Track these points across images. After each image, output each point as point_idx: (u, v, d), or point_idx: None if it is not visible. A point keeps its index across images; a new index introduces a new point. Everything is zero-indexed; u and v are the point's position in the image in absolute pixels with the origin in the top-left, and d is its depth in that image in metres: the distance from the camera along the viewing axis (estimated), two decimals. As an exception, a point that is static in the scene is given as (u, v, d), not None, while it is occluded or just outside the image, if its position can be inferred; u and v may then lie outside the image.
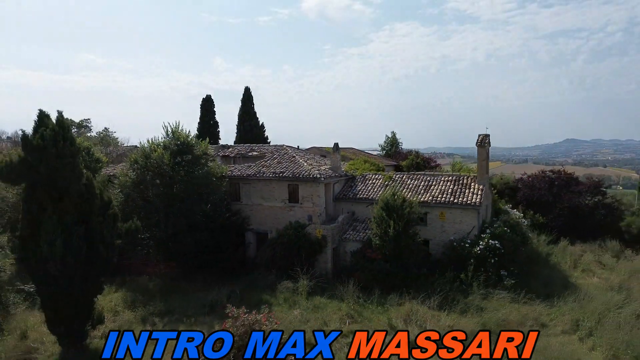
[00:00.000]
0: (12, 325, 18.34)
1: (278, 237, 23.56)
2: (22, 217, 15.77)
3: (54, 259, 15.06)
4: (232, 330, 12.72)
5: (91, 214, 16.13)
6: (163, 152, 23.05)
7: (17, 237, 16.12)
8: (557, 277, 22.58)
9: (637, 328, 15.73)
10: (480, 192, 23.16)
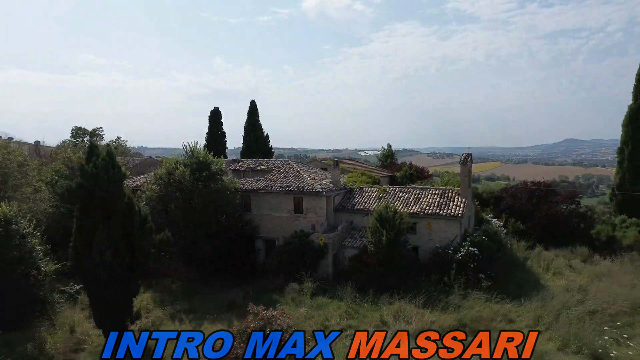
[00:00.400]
0: (60, 321, 21.60)
1: (285, 244, 26.84)
2: (76, 231, 18.99)
3: (104, 266, 18.31)
4: (254, 324, 15.95)
5: (132, 228, 19.36)
6: (184, 170, 26.29)
7: (72, 247, 19.35)
8: (530, 279, 25.89)
9: (584, 323, 19.00)
10: (463, 204, 26.44)
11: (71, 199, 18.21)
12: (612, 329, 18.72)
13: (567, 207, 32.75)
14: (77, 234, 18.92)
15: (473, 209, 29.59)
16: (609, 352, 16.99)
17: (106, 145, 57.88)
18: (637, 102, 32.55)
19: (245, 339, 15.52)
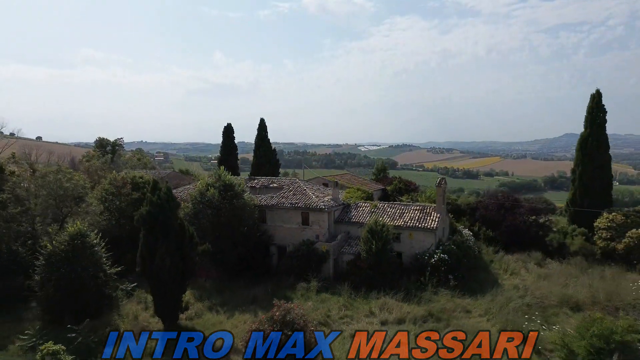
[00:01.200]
0: (124, 312, 28.32)
1: (295, 250, 33.53)
2: (142, 244, 25.62)
3: (164, 271, 24.99)
4: (278, 312, 22.57)
5: (183, 242, 26.03)
6: (214, 192, 32.88)
7: (139, 256, 25.97)
8: (490, 279, 32.58)
9: (521, 312, 25.65)
10: (437, 219, 33.08)
11: (140, 222, 24.81)
12: (541, 317, 25.38)
13: (529, 218, 39.34)
14: (143, 247, 25.61)
15: (447, 221, 36.23)
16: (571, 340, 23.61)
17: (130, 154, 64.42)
18: (587, 131, 39.12)
19: (272, 324, 22.17)
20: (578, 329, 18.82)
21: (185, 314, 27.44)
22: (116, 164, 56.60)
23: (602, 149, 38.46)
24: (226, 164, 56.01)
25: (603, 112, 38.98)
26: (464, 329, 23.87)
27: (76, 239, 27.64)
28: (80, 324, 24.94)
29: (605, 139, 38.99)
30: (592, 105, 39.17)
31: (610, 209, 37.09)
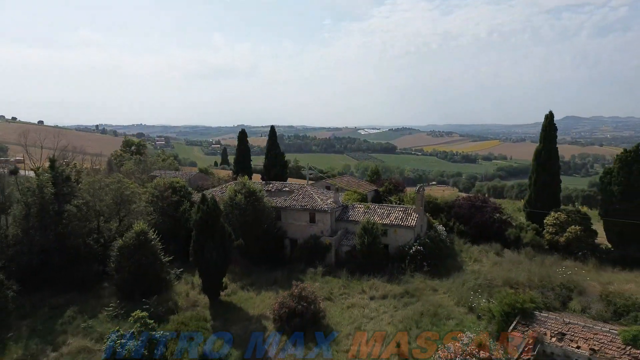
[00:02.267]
0: (177, 291, 37.92)
1: (304, 243, 43.06)
2: (194, 241, 35.06)
3: (210, 261, 34.50)
4: (296, 290, 32.07)
5: (224, 239, 35.46)
6: (241, 197, 42.19)
7: (192, 249, 35.42)
8: (457, 265, 42.10)
9: (472, 290, 35.17)
10: (416, 219, 42.52)
11: (196, 227, 34.25)
12: (486, 293, 34.86)
13: (493, 215, 48.74)
14: (195, 243, 35.12)
15: (425, 219, 45.68)
16: (479, 305, 33.25)
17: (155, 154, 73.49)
18: (541, 145, 48.28)
19: (292, 298, 31.74)
20: (497, 299, 28.46)
21: (224, 292, 37.09)
22: (145, 164, 65.63)
23: (552, 160, 47.67)
24: (242, 165, 65.64)
25: (554, 130, 48.08)
26: (429, 302, 33.74)
27: (140, 235, 37.09)
28: (146, 299, 34.57)
29: (556, 151, 48.18)
30: (546, 124, 48.27)
31: (556, 209, 46.42)
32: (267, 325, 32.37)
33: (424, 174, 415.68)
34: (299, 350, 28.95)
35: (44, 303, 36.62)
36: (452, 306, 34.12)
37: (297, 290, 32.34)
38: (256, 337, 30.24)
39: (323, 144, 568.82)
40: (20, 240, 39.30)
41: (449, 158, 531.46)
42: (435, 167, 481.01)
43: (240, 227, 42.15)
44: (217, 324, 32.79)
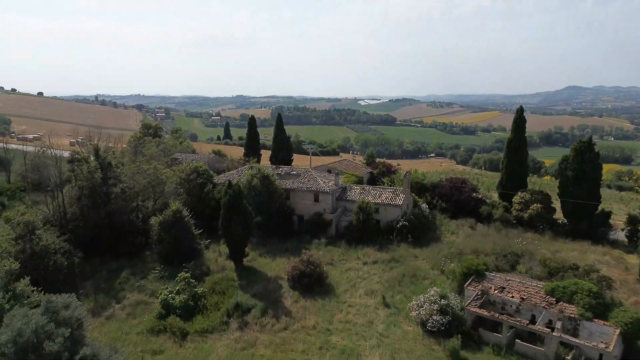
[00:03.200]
0: (207, 258, 47.18)
1: (309, 219, 52.12)
2: (223, 218, 44.05)
3: (236, 235, 43.63)
4: (305, 256, 41.24)
5: (246, 217, 44.46)
6: (257, 181, 50.91)
7: (220, 224, 44.44)
8: (436, 237, 51.24)
9: (445, 257, 44.33)
10: (403, 199, 51.43)
11: (225, 208, 43.17)
12: (456, 259, 44.06)
13: (470, 195, 57.57)
14: (223, 220, 44.13)
15: (410, 199, 54.58)
16: (426, 275, 42.42)
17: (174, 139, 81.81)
18: (512, 135, 56.63)
19: (302, 262, 40.95)
20: (460, 262, 37.69)
21: (246, 259, 46.37)
22: (165, 145, 73.95)
23: (521, 148, 56.14)
24: (251, 149, 74.10)
25: (524, 122, 56.37)
26: (410, 266, 43.04)
27: (176, 213, 46.10)
28: (185, 264, 43.88)
29: (524, 140, 56.57)
30: (517, 117, 56.55)
31: (523, 190, 55.24)
32: (282, 283, 41.75)
33: (423, 147, 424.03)
34: (308, 302, 38.43)
35: (101, 267, 46.03)
36: (428, 269, 43.45)
37: (305, 257, 41.62)
38: (275, 291, 39.68)
39: (323, 115, 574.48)
40: (77, 217, 48.40)
41: (448, 130, 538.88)
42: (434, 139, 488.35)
43: (257, 205, 50.90)
44: (243, 283, 42.20)
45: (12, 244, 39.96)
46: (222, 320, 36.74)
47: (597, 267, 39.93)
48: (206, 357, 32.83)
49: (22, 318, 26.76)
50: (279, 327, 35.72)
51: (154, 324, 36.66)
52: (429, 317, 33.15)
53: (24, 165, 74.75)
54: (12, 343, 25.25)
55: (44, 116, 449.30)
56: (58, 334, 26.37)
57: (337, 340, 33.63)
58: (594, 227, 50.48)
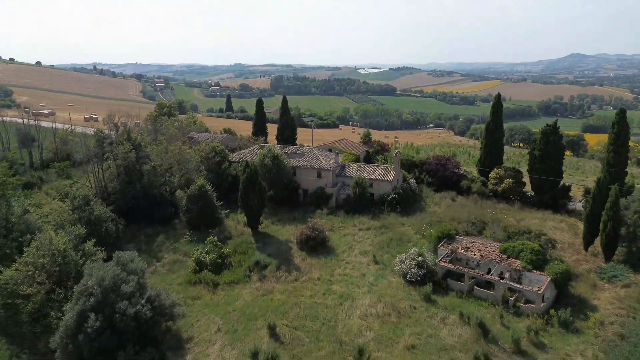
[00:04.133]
0: (227, 225, 56.61)
1: (313, 192, 61.39)
2: (242, 192, 53.25)
3: (253, 205, 52.95)
4: (311, 224, 50.63)
5: (261, 191, 53.67)
6: (269, 160, 59.81)
7: (240, 197, 53.67)
8: (421, 207, 60.60)
9: (426, 224, 53.77)
10: (393, 175, 60.54)
11: (243, 181, 52.29)
12: (435, 226, 53.39)
13: (454, 170, 66.59)
14: (242, 193, 53.40)
15: (401, 175, 63.65)
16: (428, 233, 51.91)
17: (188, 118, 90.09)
18: (490, 118, 65.26)
19: (308, 229, 50.40)
20: (437, 227, 47.14)
21: (261, 226, 55.84)
22: (179, 124, 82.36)
23: (497, 130, 64.87)
24: (259, 128, 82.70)
25: (501, 107, 64.92)
26: (397, 232, 52.52)
27: (201, 187, 55.20)
28: (211, 230, 53.35)
29: (501, 123, 65.27)
30: (494, 103, 65.07)
31: (498, 166, 64.21)
32: (292, 245, 51.33)
33: (422, 117, 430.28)
34: (314, 260, 48.11)
35: (140, 233, 55.52)
36: (412, 234, 52.96)
37: (310, 224, 51.09)
38: (287, 252, 49.33)
39: (322, 85, 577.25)
40: (116, 190, 57.51)
41: (448, 100, 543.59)
42: (433, 109, 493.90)
43: (268, 181, 60.05)
44: (259, 245, 51.79)
45: (70, 213, 49.26)
46: (245, 274, 46.45)
47: (546, 231, 49.58)
48: (235, 301, 42.60)
49: (101, 268, 36.29)
50: (291, 278, 45.46)
51: (190, 277, 46.37)
52: (408, 270, 42.77)
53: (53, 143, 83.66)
54: (97, 286, 34.73)
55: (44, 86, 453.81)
56: (130, 280, 36.02)
57: (336, 288, 43.40)
58: (556, 199, 59.80)
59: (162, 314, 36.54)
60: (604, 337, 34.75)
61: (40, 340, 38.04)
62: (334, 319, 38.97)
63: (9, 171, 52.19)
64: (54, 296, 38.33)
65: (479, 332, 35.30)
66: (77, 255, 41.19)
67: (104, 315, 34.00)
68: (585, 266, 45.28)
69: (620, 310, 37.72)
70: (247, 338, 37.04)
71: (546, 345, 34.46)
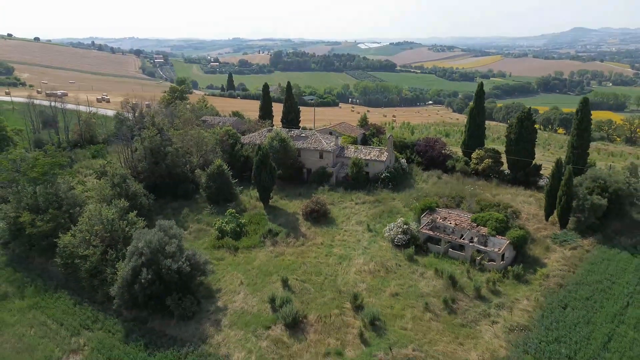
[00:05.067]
0: (242, 200, 66.07)
1: (315, 171, 70.72)
2: (255, 170, 62.48)
3: (265, 182, 62.31)
4: (314, 199, 60.06)
5: (271, 170, 62.90)
6: (277, 143, 68.84)
7: (253, 175, 62.96)
8: (410, 184, 70.00)
9: (415, 199, 63.20)
10: (386, 155, 69.71)
11: (256, 161, 61.50)
12: (421, 199, 62.86)
13: (440, 150, 75.65)
14: (256, 171, 62.74)
15: (393, 155, 72.79)
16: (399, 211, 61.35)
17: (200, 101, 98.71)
18: (474, 104, 74.03)
19: (313, 203, 59.90)
20: (421, 201, 56.63)
21: (271, 200, 65.31)
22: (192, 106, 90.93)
23: (480, 115, 73.76)
24: (265, 112, 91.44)
25: (483, 94, 73.58)
26: (389, 205, 62.02)
27: (219, 167, 64.41)
28: (228, 204, 62.84)
29: (483, 109, 74.14)
30: (478, 90, 73.74)
31: (479, 148, 73.24)
32: (298, 217, 60.86)
33: (421, 94, 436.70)
34: (317, 229, 57.72)
35: (166, 207, 64.99)
36: (401, 207, 62.44)
37: (314, 199, 60.57)
38: (294, 222, 58.93)
39: (322, 61, 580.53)
40: (145, 170, 66.66)
41: (448, 76, 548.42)
42: (433, 85, 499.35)
43: (276, 161, 69.15)
44: (271, 217, 61.31)
45: (110, 189, 58.50)
46: (259, 240, 56.06)
47: (515, 205, 59.16)
48: (253, 261, 52.31)
49: (148, 233, 45.77)
50: (298, 244, 55.12)
51: (214, 242, 56.01)
52: (396, 236, 52.34)
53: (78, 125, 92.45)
54: (146, 247, 44.23)
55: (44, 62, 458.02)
56: (171, 242, 45.52)
57: (336, 251, 53.13)
58: (528, 177, 69.11)
59: (197, 269, 46.18)
60: (546, 286, 44.56)
61: (97, 291, 47.81)
62: (334, 274, 48.76)
63: (57, 152, 61.25)
64: (107, 257, 47.91)
65: (449, 283, 45.11)
66: (123, 223, 50.66)
67: (153, 270, 43.56)
68: (544, 233, 54.93)
69: (564, 267, 47.50)
70: (265, 289, 46.83)
71: (501, 292, 44.29)
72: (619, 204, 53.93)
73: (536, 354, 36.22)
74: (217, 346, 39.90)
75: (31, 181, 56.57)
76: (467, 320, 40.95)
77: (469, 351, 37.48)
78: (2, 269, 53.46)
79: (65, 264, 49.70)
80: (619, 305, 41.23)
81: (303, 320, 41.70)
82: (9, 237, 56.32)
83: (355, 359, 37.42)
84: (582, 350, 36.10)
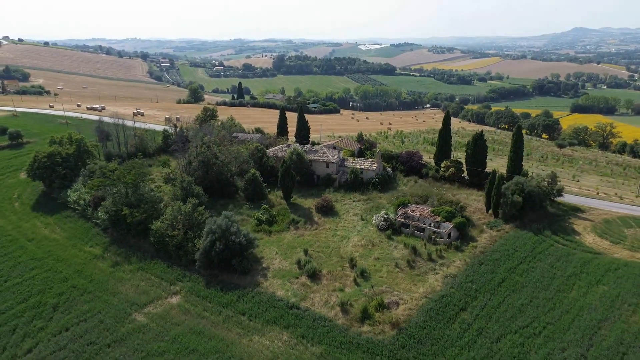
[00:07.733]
0: (269, 198, 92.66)
1: (323, 177, 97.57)
2: (280, 177, 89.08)
3: (288, 185, 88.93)
4: (324, 197, 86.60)
5: (292, 176, 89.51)
6: (294, 155, 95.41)
7: (279, 181, 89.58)
8: (394, 187, 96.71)
9: (396, 197, 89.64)
10: (376, 165, 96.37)
11: (282, 171, 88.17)
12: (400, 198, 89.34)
13: (418, 161, 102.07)
14: (281, 178, 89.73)
15: (381, 165, 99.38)
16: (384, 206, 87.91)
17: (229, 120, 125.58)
18: (442, 127, 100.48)
19: (322, 200, 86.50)
20: (398, 199, 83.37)
21: (292, 199, 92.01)
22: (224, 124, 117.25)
23: (447, 134, 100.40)
24: (282, 129, 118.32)
25: (449, 119, 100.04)
26: (377, 203, 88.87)
27: (254, 174, 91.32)
28: (261, 201, 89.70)
29: (449, 130, 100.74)
30: (445, 116, 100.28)
31: (447, 160, 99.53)
32: (312, 211, 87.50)
33: (420, 97, 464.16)
34: (326, 219, 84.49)
35: (216, 204, 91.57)
36: (385, 203, 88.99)
37: (323, 197, 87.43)
38: (309, 214, 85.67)
39: (324, 65, 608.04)
40: (199, 176, 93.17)
41: (446, 79, 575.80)
42: (431, 88, 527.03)
43: (294, 170, 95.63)
44: (292, 210, 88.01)
45: (180, 191, 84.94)
46: (285, 227, 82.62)
47: (467, 202, 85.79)
48: (282, 240, 78.86)
49: (217, 220, 72.50)
50: (313, 229, 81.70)
51: (254, 228, 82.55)
52: (379, 223, 78.84)
53: (133, 139, 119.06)
54: (218, 228, 70.92)
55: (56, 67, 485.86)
56: (233, 225, 72.21)
57: (339, 233, 79.84)
58: (481, 181, 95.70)
59: (249, 243, 72.62)
60: (473, 253, 71.18)
61: (181, 259, 74.26)
62: (338, 247, 75.39)
63: (142, 162, 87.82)
64: (187, 236, 74.36)
65: (412, 252, 71.65)
66: (196, 214, 77.10)
67: (223, 242, 70.01)
68: (483, 221, 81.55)
69: (488, 242, 74.18)
70: (293, 257, 73.33)
71: (445, 257, 70.92)
72: (531, 201, 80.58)
73: (458, 288, 62.78)
74: (266, 288, 66.47)
75: (126, 184, 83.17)
76: (420, 272, 67.60)
77: (419, 288, 64.04)
78: (109, 246, 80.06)
79: (157, 242, 76.20)
80: (515, 263, 67.94)
81: (319, 274, 68.21)
82: (109, 225, 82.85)
83: (351, 293, 63.94)
84: (484, 286, 62.72)
